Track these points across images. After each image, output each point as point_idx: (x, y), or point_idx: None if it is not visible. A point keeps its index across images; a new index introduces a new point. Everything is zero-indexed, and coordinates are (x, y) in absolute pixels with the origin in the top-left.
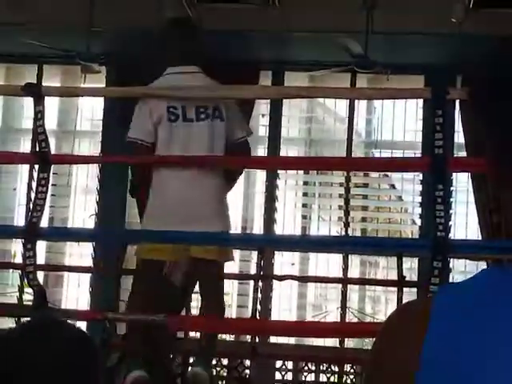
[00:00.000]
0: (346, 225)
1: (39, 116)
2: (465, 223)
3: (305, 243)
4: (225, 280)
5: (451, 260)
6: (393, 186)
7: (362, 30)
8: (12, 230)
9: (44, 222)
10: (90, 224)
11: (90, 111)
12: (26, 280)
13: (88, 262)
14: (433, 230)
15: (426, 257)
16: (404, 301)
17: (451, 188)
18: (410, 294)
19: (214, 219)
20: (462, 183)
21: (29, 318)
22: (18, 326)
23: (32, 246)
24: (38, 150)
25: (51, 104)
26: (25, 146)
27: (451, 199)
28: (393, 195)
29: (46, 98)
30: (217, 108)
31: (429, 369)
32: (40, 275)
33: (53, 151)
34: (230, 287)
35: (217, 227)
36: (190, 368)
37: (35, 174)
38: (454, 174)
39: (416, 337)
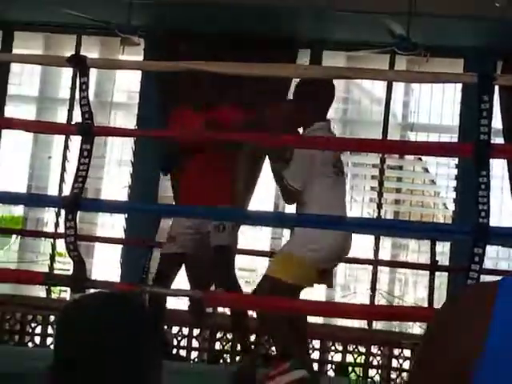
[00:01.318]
0: (379, 206)
1: (84, 88)
2: (499, 210)
3: (339, 224)
4: (256, 257)
5: None
6: (426, 170)
7: (404, 11)
8: (53, 200)
9: None
10: (123, 195)
11: (127, 83)
12: (66, 250)
13: (119, 233)
14: (475, 216)
15: (459, 241)
16: (436, 284)
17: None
18: (440, 278)
19: None
20: (496, 169)
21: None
22: (91, 296)
23: (73, 217)
24: (81, 121)
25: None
26: (62, 116)
27: None
28: (426, 179)
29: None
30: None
31: (493, 357)
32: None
33: None
34: (261, 264)
35: None
36: None
37: (70, 144)
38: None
39: (481, 323)
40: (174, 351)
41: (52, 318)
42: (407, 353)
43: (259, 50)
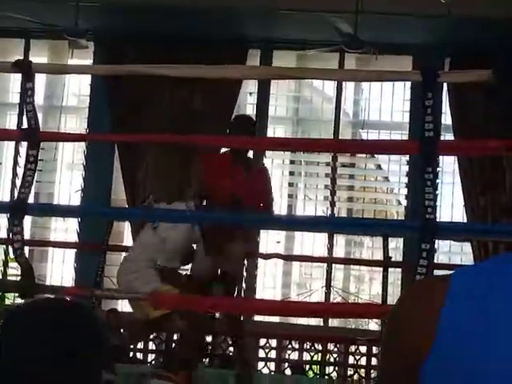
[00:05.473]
0: (332, 204)
1: (29, 93)
2: (451, 204)
3: (292, 223)
4: None
5: (436, 241)
6: (379, 167)
7: (351, 10)
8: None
9: (30, 197)
10: (76, 199)
11: (77, 87)
12: (13, 255)
13: (73, 237)
14: (422, 213)
15: (411, 237)
16: (389, 280)
17: (438, 170)
18: (394, 274)
19: None
20: (448, 165)
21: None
22: (26, 305)
23: (19, 222)
24: (27, 126)
25: (38, 79)
26: (11, 121)
27: (438, 180)
28: (379, 176)
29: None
30: None
31: (443, 345)
32: (25, 250)
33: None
34: None
35: None
36: None
37: (21, 150)
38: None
39: (432, 312)
40: (131, 354)
41: None
42: (363, 349)
43: (208, 53)
